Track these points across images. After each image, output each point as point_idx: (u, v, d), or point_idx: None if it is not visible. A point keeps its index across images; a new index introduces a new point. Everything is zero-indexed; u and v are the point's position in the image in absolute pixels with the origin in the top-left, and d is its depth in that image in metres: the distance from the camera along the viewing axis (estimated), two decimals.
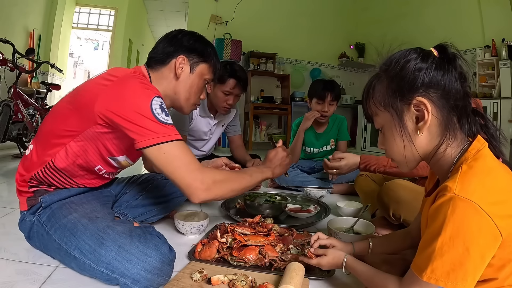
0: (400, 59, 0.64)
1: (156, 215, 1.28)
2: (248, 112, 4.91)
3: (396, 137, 0.66)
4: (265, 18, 5.30)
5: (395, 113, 0.65)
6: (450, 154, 0.63)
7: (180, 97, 1.08)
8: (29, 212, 0.95)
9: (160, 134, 0.84)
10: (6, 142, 2.95)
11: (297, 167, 2.22)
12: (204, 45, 1.09)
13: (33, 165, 0.95)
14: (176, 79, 1.05)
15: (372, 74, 0.73)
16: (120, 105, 0.84)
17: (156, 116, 0.84)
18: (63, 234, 0.86)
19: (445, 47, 0.64)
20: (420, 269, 0.56)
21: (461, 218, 0.53)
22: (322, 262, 0.84)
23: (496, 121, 3.58)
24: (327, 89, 2.08)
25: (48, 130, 0.95)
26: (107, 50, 7.38)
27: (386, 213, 1.24)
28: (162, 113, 0.86)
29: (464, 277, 0.53)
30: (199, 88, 1.11)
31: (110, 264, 0.78)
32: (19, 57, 3.02)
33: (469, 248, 0.52)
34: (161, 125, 0.85)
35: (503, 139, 0.67)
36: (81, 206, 0.93)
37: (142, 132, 0.83)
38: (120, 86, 0.87)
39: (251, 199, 1.50)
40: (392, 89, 0.65)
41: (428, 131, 0.63)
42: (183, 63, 1.04)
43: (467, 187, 0.54)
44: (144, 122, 0.83)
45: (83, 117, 0.88)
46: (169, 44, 1.05)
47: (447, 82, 0.61)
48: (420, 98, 0.61)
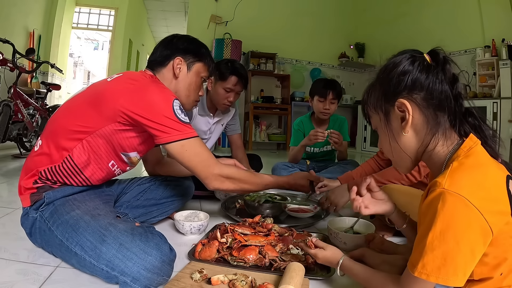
0: (390, 64, 0.69)
1: (157, 217, 1.28)
2: (248, 112, 4.91)
3: (385, 137, 0.72)
4: (265, 18, 5.30)
5: (382, 115, 0.70)
6: (441, 152, 0.65)
7: (181, 94, 1.15)
8: (32, 208, 0.96)
9: (182, 132, 0.97)
10: (6, 142, 2.95)
11: (297, 167, 2.22)
12: (197, 46, 1.18)
13: (46, 160, 0.96)
14: (175, 79, 1.14)
15: (372, 74, 0.76)
16: (145, 108, 0.94)
17: (178, 116, 0.97)
18: (65, 230, 0.87)
19: (437, 52, 0.66)
20: (413, 264, 0.57)
21: (451, 213, 0.53)
22: (320, 254, 0.85)
23: (496, 121, 3.58)
24: (328, 87, 2.08)
25: (61, 126, 0.98)
26: (107, 50, 7.39)
27: (383, 218, 1.24)
28: (182, 113, 0.99)
29: (455, 272, 0.53)
30: (197, 85, 1.20)
31: (110, 261, 0.78)
32: (19, 57, 3.02)
33: (460, 242, 0.53)
34: (182, 124, 0.98)
35: (502, 141, 0.68)
36: (84, 203, 0.94)
37: (167, 130, 0.96)
38: (143, 90, 0.97)
39: (251, 199, 1.50)
40: (380, 93, 0.70)
41: (413, 130, 0.67)
42: (180, 63, 1.13)
43: (456, 182, 0.55)
44: (168, 122, 0.95)
45: (102, 115, 0.96)
46: (165, 48, 1.14)
47: (431, 84, 0.64)
48: (402, 100, 0.65)
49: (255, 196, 1.55)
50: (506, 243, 0.56)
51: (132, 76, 1.03)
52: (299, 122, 2.31)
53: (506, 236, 0.55)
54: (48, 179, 0.97)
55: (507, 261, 0.57)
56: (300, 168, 2.22)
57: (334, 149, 2.29)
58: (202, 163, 1.02)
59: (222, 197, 1.76)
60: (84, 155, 0.97)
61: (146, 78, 1.03)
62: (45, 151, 0.97)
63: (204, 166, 1.03)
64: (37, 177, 0.96)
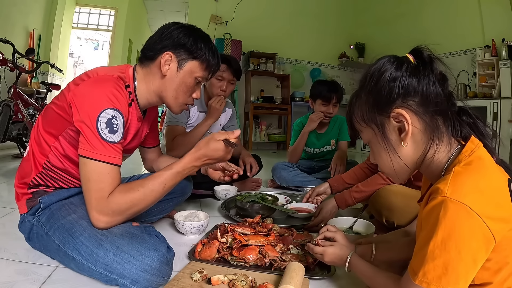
0: (374, 72, 0.64)
1: (156, 215, 1.28)
2: (248, 112, 4.91)
3: (382, 151, 0.65)
4: (265, 18, 5.30)
5: (376, 128, 0.64)
6: (440, 159, 0.62)
7: (167, 95, 1.01)
8: (28, 213, 0.95)
9: (93, 149, 0.82)
10: (6, 142, 2.95)
11: (297, 167, 2.22)
12: (194, 40, 0.99)
13: (32, 166, 0.95)
14: (162, 77, 0.99)
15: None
16: (76, 108, 0.84)
17: (98, 130, 0.82)
18: (62, 235, 0.86)
19: (420, 51, 0.63)
20: (414, 272, 0.56)
21: (453, 221, 0.52)
22: (328, 251, 0.84)
23: (496, 121, 3.58)
24: (332, 91, 2.09)
25: (38, 131, 0.95)
26: (107, 50, 7.37)
27: (380, 219, 1.25)
28: (106, 128, 0.83)
29: (456, 281, 0.52)
30: (188, 87, 1.02)
31: (108, 265, 0.78)
32: (19, 57, 3.02)
33: (461, 252, 0.51)
34: (99, 140, 0.82)
35: (502, 141, 0.65)
36: (80, 207, 0.92)
37: (82, 139, 0.84)
38: (84, 89, 0.86)
39: (242, 199, 1.51)
40: (370, 104, 0.64)
41: (412, 140, 0.62)
42: (169, 60, 0.97)
43: (459, 189, 0.53)
44: (86, 132, 0.83)
45: (62, 115, 0.89)
46: (158, 38, 0.99)
47: (425, 87, 0.60)
48: (398, 110, 0.61)
49: (245, 196, 1.55)
50: (508, 249, 0.55)
51: (94, 71, 0.93)
52: (299, 122, 2.31)
53: (509, 242, 0.54)
54: (40, 184, 0.96)
55: (508, 266, 0.56)
56: (300, 168, 2.22)
57: (334, 149, 2.29)
58: (92, 192, 0.83)
59: (222, 197, 1.76)
60: (57, 159, 0.93)
61: (103, 75, 0.91)
62: (30, 157, 0.96)
63: (93, 197, 0.83)
64: (29, 182, 0.96)
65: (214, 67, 1.05)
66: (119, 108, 0.87)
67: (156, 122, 1.25)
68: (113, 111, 0.85)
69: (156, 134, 1.28)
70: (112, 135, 0.84)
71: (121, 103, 0.88)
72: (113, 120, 0.84)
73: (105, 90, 0.86)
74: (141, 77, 1.01)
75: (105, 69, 0.96)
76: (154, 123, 1.23)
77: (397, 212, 1.17)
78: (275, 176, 2.18)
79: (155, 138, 1.27)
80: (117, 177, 0.86)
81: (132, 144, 1.09)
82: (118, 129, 0.86)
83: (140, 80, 1.01)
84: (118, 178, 0.87)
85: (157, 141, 1.30)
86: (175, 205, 1.36)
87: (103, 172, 0.83)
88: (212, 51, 1.02)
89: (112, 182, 0.84)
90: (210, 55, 1.02)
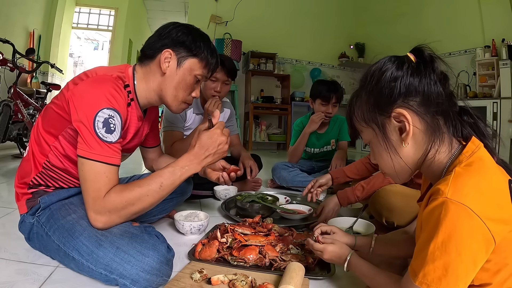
0: (375, 71, 0.63)
1: (156, 215, 1.28)
2: (248, 112, 4.91)
3: (382, 151, 0.65)
4: (265, 18, 5.30)
5: (377, 128, 0.64)
6: (441, 159, 0.62)
7: (167, 93, 1.01)
8: (28, 213, 0.95)
9: (90, 149, 0.82)
10: (6, 142, 2.95)
11: (297, 167, 2.22)
12: (193, 38, 0.99)
13: (32, 166, 0.95)
14: (162, 75, 0.99)
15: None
16: (74, 108, 0.84)
17: (95, 129, 0.82)
18: (62, 235, 0.86)
19: (421, 50, 0.62)
20: (414, 273, 0.56)
21: (453, 223, 0.51)
22: (328, 249, 0.84)
23: (496, 121, 3.58)
24: (332, 91, 2.09)
25: (38, 131, 0.95)
26: (107, 50, 7.37)
27: (380, 219, 1.25)
28: (103, 128, 0.83)
29: (456, 283, 0.52)
30: (187, 85, 1.02)
31: (108, 265, 0.78)
32: (19, 57, 3.02)
33: (462, 253, 0.51)
34: (96, 140, 0.82)
35: (502, 141, 0.65)
36: (80, 207, 0.92)
37: (80, 139, 0.84)
38: (82, 88, 0.86)
39: (242, 199, 1.50)
40: (371, 104, 0.64)
41: (413, 140, 0.62)
42: (169, 57, 0.98)
43: (459, 190, 0.53)
44: (83, 131, 0.83)
45: (61, 115, 0.89)
46: (158, 37, 1.00)
47: (426, 87, 0.60)
48: (399, 109, 0.60)
49: (245, 196, 1.55)
50: (508, 250, 0.55)
51: (93, 70, 0.93)
52: (299, 122, 2.31)
53: (508, 243, 0.54)
54: (40, 184, 0.96)
55: (508, 267, 0.56)
56: (300, 168, 2.22)
57: (334, 149, 2.29)
58: (90, 192, 0.83)
59: (222, 197, 1.76)
60: (57, 159, 0.93)
61: (101, 75, 0.91)
62: (30, 157, 0.96)
63: (90, 196, 0.83)
64: (29, 182, 0.96)
65: (213, 65, 1.06)
66: (117, 107, 0.87)
67: (157, 122, 1.25)
68: (111, 110, 0.84)
69: (157, 134, 1.28)
70: (109, 134, 0.84)
71: (119, 103, 0.88)
72: (110, 119, 0.84)
73: (103, 90, 0.85)
74: (140, 76, 1.01)
75: (104, 69, 0.97)
76: (155, 123, 1.23)
77: (397, 213, 1.17)
78: (275, 176, 2.18)
79: (155, 138, 1.27)
80: (114, 177, 0.86)
81: (132, 144, 1.09)
82: (116, 128, 0.86)
83: (139, 79, 1.01)
84: (116, 178, 0.87)
85: (158, 141, 1.30)
86: (175, 205, 1.36)
87: (99, 172, 0.83)
88: (211, 50, 1.03)
89: (109, 182, 0.84)
90: (209, 53, 1.02)
